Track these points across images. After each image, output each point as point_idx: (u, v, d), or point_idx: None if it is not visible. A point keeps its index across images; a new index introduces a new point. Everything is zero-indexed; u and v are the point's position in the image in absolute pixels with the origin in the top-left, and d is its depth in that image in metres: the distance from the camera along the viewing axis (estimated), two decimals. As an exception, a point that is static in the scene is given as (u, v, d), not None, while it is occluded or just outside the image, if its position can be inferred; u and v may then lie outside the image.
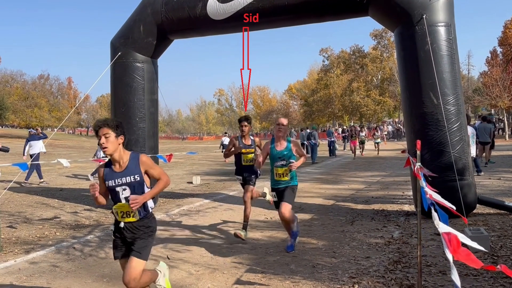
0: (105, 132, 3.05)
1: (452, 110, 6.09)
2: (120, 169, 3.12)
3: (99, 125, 3.09)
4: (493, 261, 4.25)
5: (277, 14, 7.29)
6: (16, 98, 53.25)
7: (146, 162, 3.17)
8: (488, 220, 6.08)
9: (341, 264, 4.49)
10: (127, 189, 3.11)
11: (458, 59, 6.38)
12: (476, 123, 14.72)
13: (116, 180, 3.10)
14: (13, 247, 5.58)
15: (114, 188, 3.11)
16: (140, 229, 3.15)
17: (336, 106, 56.68)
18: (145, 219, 3.17)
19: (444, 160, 6.01)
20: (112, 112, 8.47)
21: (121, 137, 3.13)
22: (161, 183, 3.21)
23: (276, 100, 79.47)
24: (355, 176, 12.98)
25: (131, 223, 3.14)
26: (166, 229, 6.44)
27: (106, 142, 3.05)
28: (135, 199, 3.01)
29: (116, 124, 3.13)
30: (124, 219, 3.13)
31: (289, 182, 4.92)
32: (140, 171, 3.13)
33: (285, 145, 4.93)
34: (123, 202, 3.10)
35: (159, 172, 3.24)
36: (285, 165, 4.87)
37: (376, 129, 30.56)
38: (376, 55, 55.18)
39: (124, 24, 8.43)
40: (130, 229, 3.14)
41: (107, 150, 3.06)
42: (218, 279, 4.20)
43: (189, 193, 10.25)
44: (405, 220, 6.48)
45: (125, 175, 3.11)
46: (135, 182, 3.10)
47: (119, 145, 3.13)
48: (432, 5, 6.20)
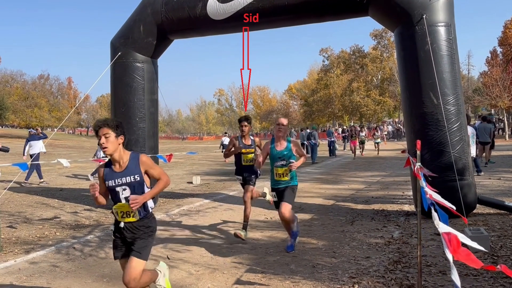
0: (105, 132, 3.05)
1: (452, 110, 6.09)
2: (120, 169, 3.12)
3: (99, 125, 3.09)
4: (493, 261, 4.26)
5: (277, 14, 7.29)
6: (16, 98, 53.25)
7: (146, 162, 3.17)
8: (488, 220, 6.08)
9: (341, 264, 4.49)
10: (127, 189, 3.11)
11: (458, 59, 6.39)
12: (476, 123, 14.72)
13: (116, 180, 3.10)
14: (13, 247, 5.58)
15: (114, 188, 3.11)
16: (140, 229, 3.15)
17: (336, 106, 56.69)
18: (145, 219, 3.17)
19: (444, 160, 6.01)
20: (112, 112, 8.47)
21: (121, 137, 3.13)
22: (161, 183, 3.21)
23: (276, 100, 79.48)
24: (355, 176, 12.98)
25: (131, 223, 3.13)
26: (166, 229, 6.44)
27: (106, 142, 3.05)
28: (135, 199, 3.01)
29: (116, 124, 3.12)
30: (124, 219, 3.13)
31: (289, 182, 4.92)
32: (140, 171, 3.13)
33: (285, 145, 4.93)
34: (123, 202, 3.10)
35: (159, 172, 3.24)
36: (285, 165, 4.87)
37: (376, 129, 30.56)
38: (376, 55, 55.19)
39: (124, 24, 8.43)
40: (130, 229, 3.14)
41: (107, 150, 3.06)
42: (218, 279, 4.20)
43: (189, 193, 10.26)
44: (405, 220, 6.48)
45: (125, 175, 3.11)
46: (135, 182, 3.10)
47: (119, 145, 3.13)
48: (432, 5, 6.20)
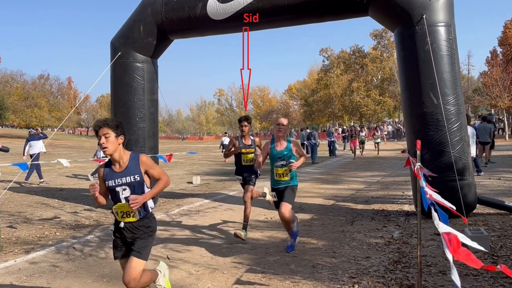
0: (105, 132, 3.04)
1: (452, 110, 6.09)
2: (120, 169, 3.12)
3: (99, 125, 3.08)
4: (493, 261, 4.26)
5: (277, 14, 7.29)
6: (16, 98, 53.25)
7: (146, 162, 3.16)
8: (488, 220, 6.08)
9: (341, 264, 4.49)
10: (127, 189, 3.10)
11: (458, 59, 6.38)
12: (476, 123, 14.72)
13: (116, 180, 3.10)
14: (13, 247, 5.58)
15: (114, 188, 3.10)
16: (140, 229, 3.14)
17: (336, 106, 56.69)
18: (145, 219, 3.17)
19: (444, 160, 6.01)
20: (112, 112, 8.47)
21: (121, 137, 3.13)
22: (161, 183, 3.21)
23: (276, 100, 79.48)
24: (355, 176, 12.98)
25: (131, 223, 3.13)
26: (166, 229, 6.44)
27: (106, 142, 3.04)
28: (135, 199, 3.01)
29: (116, 124, 3.12)
30: (124, 219, 3.13)
31: (289, 182, 4.91)
32: (140, 171, 3.13)
33: (285, 145, 4.92)
34: (123, 202, 3.10)
35: (159, 172, 3.24)
36: (285, 165, 4.86)
37: (376, 129, 30.58)
38: (376, 55, 55.19)
39: (124, 24, 8.43)
40: (130, 229, 3.14)
41: (107, 150, 3.05)
42: (218, 279, 4.20)
43: (189, 193, 10.26)
44: (405, 220, 6.48)
45: (125, 175, 3.10)
46: (135, 182, 3.10)
47: (119, 145, 3.12)
48: (432, 5, 6.20)
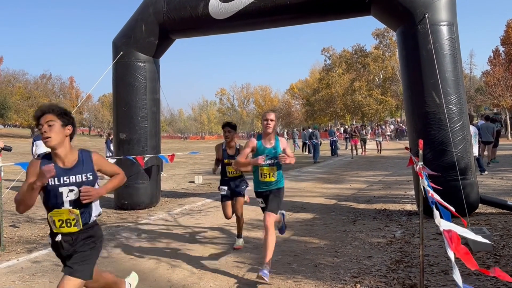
0: (48, 119, 2.50)
1: (454, 109, 6.08)
2: (68, 166, 2.59)
3: (42, 109, 2.54)
4: (495, 261, 4.24)
5: (279, 13, 7.28)
6: (18, 98, 53.37)
7: (99, 159, 2.74)
8: (490, 219, 6.07)
9: (343, 264, 4.48)
10: (74, 190, 2.55)
11: (460, 58, 6.37)
12: (478, 123, 14.68)
13: (62, 179, 2.53)
14: (15, 246, 5.59)
15: (56, 188, 2.53)
16: (79, 241, 2.60)
17: (338, 105, 56.69)
18: (89, 229, 2.63)
19: (447, 160, 6.00)
20: (114, 111, 8.50)
21: (68, 127, 2.59)
22: (117, 178, 2.82)
23: (278, 99, 79.57)
24: (357, 176, 12.97)
25: (70, 234, 2.58)
26: (168, 229, 6.45)
27: (49, 131, 2.48)
28: (88, 190, 2.51)
29: (63, 110, 2.57)
30: (62, 229, 2.56)
31: (275, 183, 4.35)
32: (93, 169, 2.65)
33: (273, 143, 4.36)
34: (65, 207, 2.54)
35: (113, 168, 2.85)
36: (272, 165, 4.30)
37: (377, 127, 30.59)
38: (378, 54, 55.17)
39: (126, 24, 8.44)
40: (68, 242, 2.59)
41: (49, 141, 2.49)
42: (220, 278, 4.20)
43: (191, 193, 10.27)
44: (407, 220, 6.47)
45: (75, 173, 2.56)
46: (86, 182, 2.59)
47: (66, 137, 2.58)
48: (434, 4, 6.19)
